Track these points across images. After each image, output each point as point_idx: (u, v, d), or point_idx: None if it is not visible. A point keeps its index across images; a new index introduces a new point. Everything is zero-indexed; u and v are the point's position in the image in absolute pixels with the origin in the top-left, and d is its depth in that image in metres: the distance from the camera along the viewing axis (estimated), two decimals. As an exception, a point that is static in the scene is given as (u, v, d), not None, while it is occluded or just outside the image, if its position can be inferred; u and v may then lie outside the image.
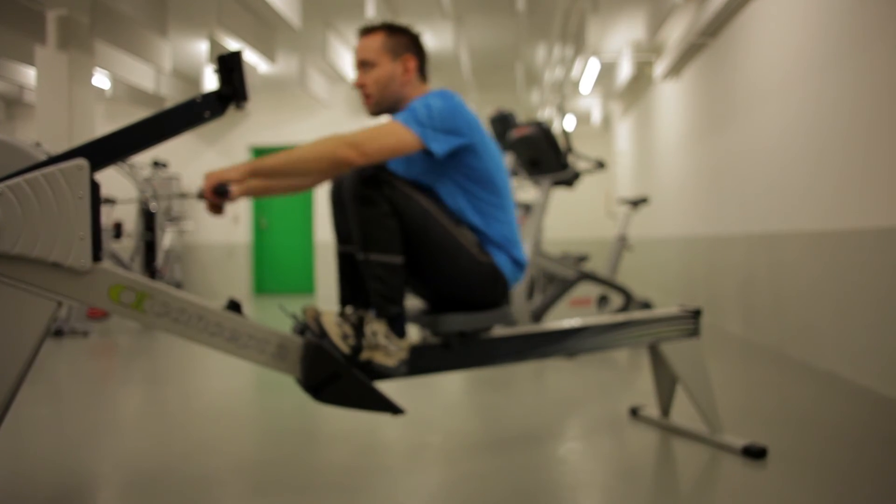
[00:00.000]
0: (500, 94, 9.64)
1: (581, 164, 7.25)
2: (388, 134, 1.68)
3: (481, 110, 9.86)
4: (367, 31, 1.90)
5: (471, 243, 1.80)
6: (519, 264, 1.90)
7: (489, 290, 1.84)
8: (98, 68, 6.39)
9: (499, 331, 1.91)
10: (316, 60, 7.82)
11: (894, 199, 2.77)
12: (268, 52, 6.17)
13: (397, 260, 1.71)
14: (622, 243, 4.64)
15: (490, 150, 1.86)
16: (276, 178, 1.72)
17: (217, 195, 1.60)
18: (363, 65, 1.87)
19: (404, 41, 1.88)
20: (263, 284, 9.57)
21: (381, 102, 1.88)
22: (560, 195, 8.39)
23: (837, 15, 3.24)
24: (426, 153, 1.75)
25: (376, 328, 1.68)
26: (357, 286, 1.87)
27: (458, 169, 1.81)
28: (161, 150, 8.82)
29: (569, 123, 9.62)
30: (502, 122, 4.52)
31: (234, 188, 1.60)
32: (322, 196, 9.32)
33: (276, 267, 9.60)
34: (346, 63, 7.86)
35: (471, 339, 1.84)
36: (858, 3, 3.05)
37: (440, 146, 1.73)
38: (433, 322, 1.82)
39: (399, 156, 1.72)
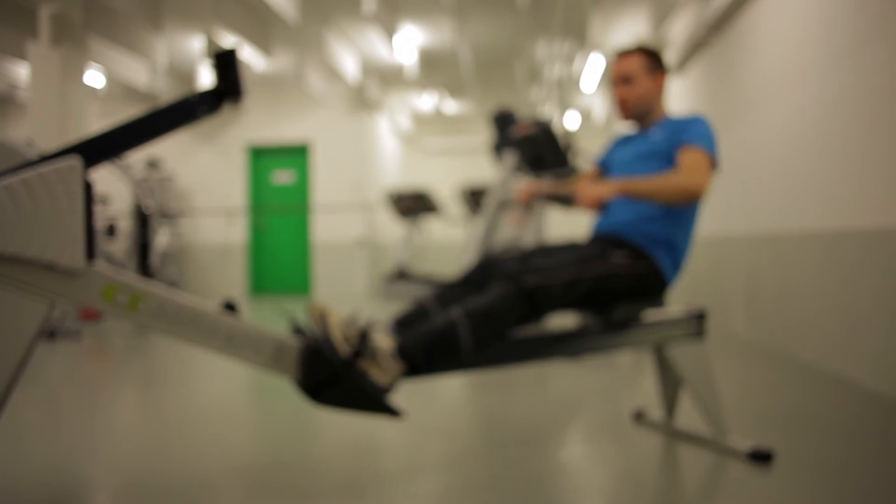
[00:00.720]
0: (501, 90, 9.64)
1: (583, 162, 7.25)
2: (708, 168, 2.04)
3: (482, 107, 9.86)
4: (628, 51, 2.24)
5: (620, 263, 2.02)
6: (679, 265, 2.14)
7: (650, 288, 2.08)
8: (92, 64, 6.39)
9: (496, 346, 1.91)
10: (314, 58, 7.82)
11: (902, 198, 2.77)
12: (264, 47, 6.17)
13: (469, 345, 1.79)
14: None
15: None
16: (634, 197, 2.02)
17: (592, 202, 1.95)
18: (624, 79, 2.21)
19: (658, 62, 2.23)
20: (260, 284, 9.57)
21: (635, 112, 2.24)
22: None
23: (842, 11, 3.24)
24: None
25: (383, 343, 1.68)
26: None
27: None
28: (157, 148, 8.82)
29: (571, 121, 9.62)
30: (504, 121, 4.53)
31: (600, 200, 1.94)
32: (320, 196, 9.31)
33: (272, 267, 9.60)
34: (344, 61, 7.87)
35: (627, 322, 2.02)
36: (863, 0, 3.05)
37: (718, 168, 2.10)
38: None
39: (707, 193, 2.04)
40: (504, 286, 1.85)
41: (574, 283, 1.93)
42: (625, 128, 2.40)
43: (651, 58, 2.22)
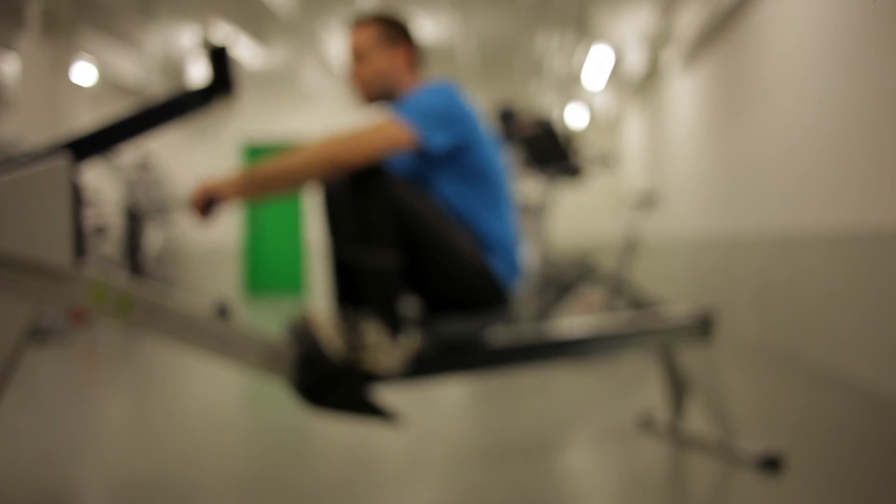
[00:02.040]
0: (502, 85, 9.64)
1: (586, 159, 7.25)
2: (382, 132, 1.69)
3: (483, 102, 9.87)
4: (358, 23, 1.94)
5: (463, 244, 1.81)
6: (513, 267, 1.90)
7: (482, 293, 1.85)
8: (83, 56, 6.38)
9: (499, 335, 1.91)
10: (309, 52, 7.82)
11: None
12: (258, 40, 6.17)
13: (391, 256, 1.71)
14: (629, 249, 4.63)
15: (487, 146, 1.87)
16: (269, 188, 1.70)
17: (206, 207, 1.67)
18: (355, 56, 1.92)
19: (396, 31, 1.93)
20: (254, 284, 9.58)
21: (373, 93, 1.93)
22: (572, 200, 8.36)
23: (859, 4, 3.24)
24: (421, 149, 1.76)
25: (371, 328, 1.68)
26: (351, 286, 1.87)
27: (453, 165, 1.83)
28: (150, 147, 8.82)
29: (575, 117, 9.62)
30: (506, 118, 4.53)
31: (223, 202, 1.65)
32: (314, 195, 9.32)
33: (267, 267, 9.60)
34: (340, 55, 7.86)
35: (467, 344, 1.84)
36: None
37: (435, 143, 1.75)
38: (426, 326, 1.83)
39: (394, 154, 1.73)
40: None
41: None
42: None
43: (387, 27, 1.92)
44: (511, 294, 1.93)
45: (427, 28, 7.28)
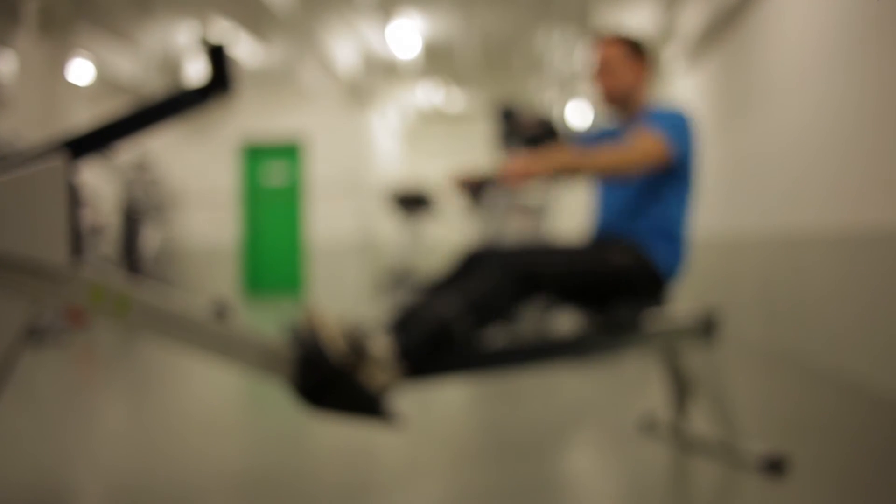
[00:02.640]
0: (504, 81, 9.64)
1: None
2: (654, 147, 2.04)
3: (484, 99, 9.86)
4: (609, 38, 2.27)
5: (617, 258, 2.05)
6: (682, 255, 2.16)
7: (642, 285, 2.08)
8: (80, 53, 6.38)
9: (499, 337, 1.91)
10: (308, 51, 7.82)
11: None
12: (257, 37, 6.17)
13: (463, 331, 1.79)
14: None
15: (696, 158, 2.20)
16: (571, 175, 2.01)
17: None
18: (603, 67, 2.24)
19: (641, 51, 2.26)
20: (253, 284, 9.58)
21: (615, 100, 2.26)
22: (573, 199, 8.36)
23: (862, 3, 3.24)
24: (671, 162, 2.09)
25: (379, 343, 1.68)
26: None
27: (677, 175, 2.15)
28: (148, 146, 8.82)
29: (575, 115, 9.61)
30: (508, 117, 4.53)
31: (534, 178, 1.92)
32: (315, 193, 9.32)
33: (265, 266, 9.60)
34: (340, 54, 7.87)
35: (631, 325, 2.00)
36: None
37: (679, 157, 2.12)
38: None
39: (657, 164, 2.05)
40: (492, 270, 1.87)
41: (566, 275, 1.96)
42: (606, 119, 2.43)
43: (634, 46, 2.25)
44: (673, 278, 2.14)
45: (428, 25, 7.28)
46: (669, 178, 2.15)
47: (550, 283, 1.94)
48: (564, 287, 1.97)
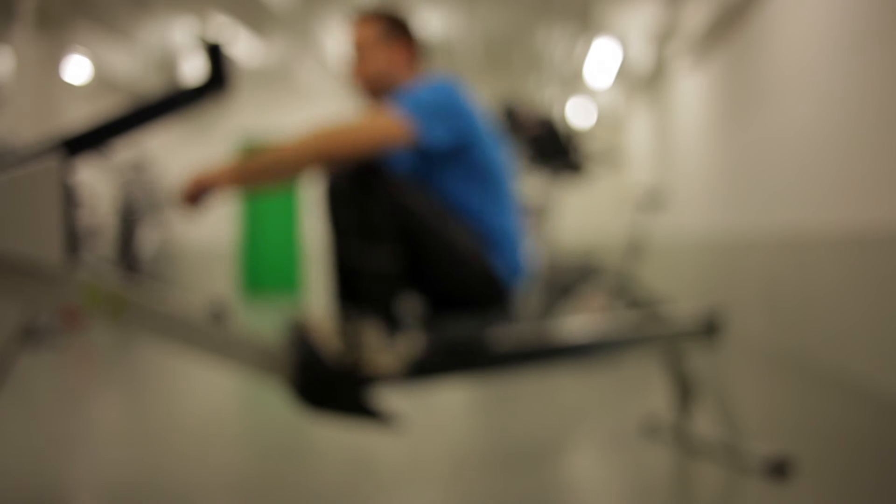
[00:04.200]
0: (505, 79, 9.64)
1: (589, 157, 7.29)
2: (378, 125, 1.69)
3: (485, 97, 9.87)
4: (360, 18, 1.97)
5: (464, 243, 1.82)
6: (516, 265, 1.91)
7: (482, 291, 1.86)
8: (76, 51, 6.39)
9: (501, 337, 1.91)
10: (306, 48, 7.83)
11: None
12: (256, 33, 6.17)
13: (390, 256, 1.72)
14: (634, 249, 4.63)
15: (489, 142, 1.88)
16: (263, 178, 1.72)
17: (197, 198, 1.71)
18: (356, 51, 1.95)
19: (397, 28, 1.97)
20: (251, 284, 9.58)
21: (373, 89, 1.96)
22: (575, 199, 8.36)
23: (867, 1, 3.24)
24: (419, 144, 1.76)
25: (370, 328, 1.68)
26: (352, 285, 1.87)
27: (455, 162, 1.84)
28: (146, 145, 8.83)
29: (576, 114, 9.61)
30: (508, 116, 4.54)
31: (216, 191, 1.68)
32: (314, 194, 9.33)
33: (263, 266, 9.61)
34: (339, 51, 7.87)
35: (468, 343, 1.84)
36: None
37: (434, 138, 1.76)
38: (427, 325, 1.84)
39: (390, 148, 1.72)
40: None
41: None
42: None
43: (388, 23, 1.96)
44: (513, 292, 1.94)
45: (428, 22, 7.28)
46: (446, 165, 1.84)
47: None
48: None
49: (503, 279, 1.89)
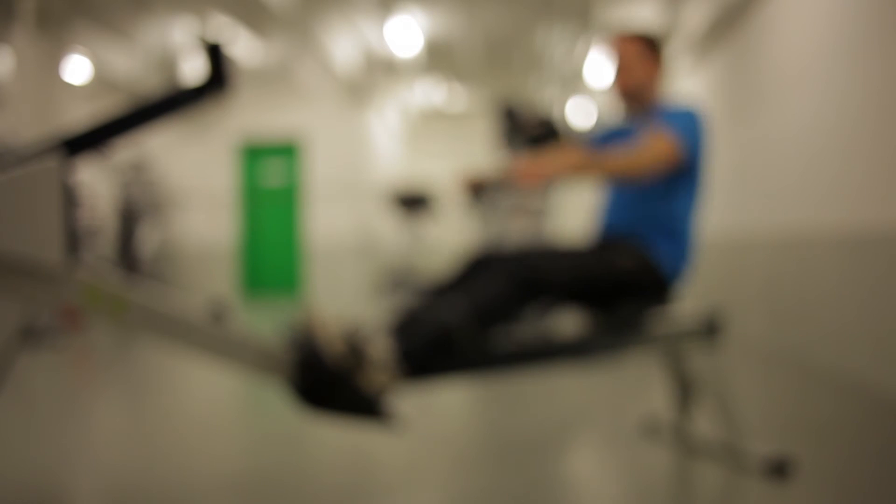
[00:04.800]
0: (505, 79, 9.64)
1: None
2: (662, 150, 2.04)
3: (485, 97, 9.86)
4: (625, 36, 2.29)
5: (622, 259, 2.05)
6: (688, 255, 2.17)
7: (648, 285, 2.08)
8: (76, 51, 6.39)
9: (498, 338, 1.91)
10: (307, 49, 7.82)
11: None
12: (256, 33, 6.17)
13: (466, 334, 1.80)
14: None
15: (706, 156, 2.21)
16: (566, 177, 1.97)
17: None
18: (619, 65, 2.26)
19: (655, 48, 2.28)
20: (251, 284, 9.58)
21: (631, 99, 2.28)
22: (576, 199, 8.36)
23: (869, 1, 3.24)
24: (685, 163, 2.11)
25: (379, 345, 1.68)
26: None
27: (687, 175, 2.17)
28: (146, 146, 8.83)
29: (577, 114, 9.61)
30: (510, 116, 4.54)
31: (547, 179, 1.91)
32: (314, 194, 9.32)
33: (264, 266, 9.61)
34: (339, 51, 7.88)
35: (633, 325, 2.02)
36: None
37: (693, 158, 2.14)
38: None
39: (668, 167, 2.06)
40: (498, 275, 1.88)
41: (571, 280, 1.97)
42: (616, 116, 2.44)
43: (649, 44, 2.28)
44: (679, 278, 2.14)
45: (428, 22, 7.29)
46: (679, 178, 2.15)
47: (555, 288, 1.94)
48: (569, 291, 1.98)
49: (669, 268, 2.09)
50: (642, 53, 2.26)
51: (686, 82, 6.70)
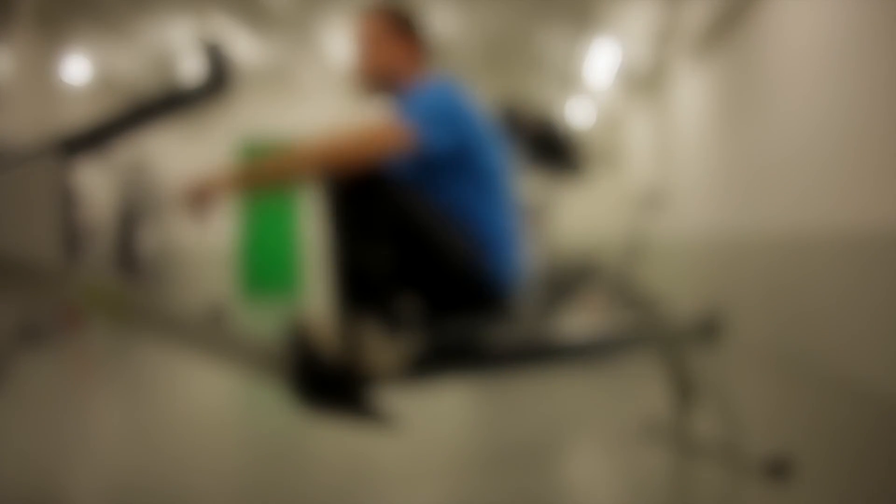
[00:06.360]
0: (505, 79, 9.64)
1: (588, 158, 7.27)
2: (378, 135, 1.70)
3: (485, 98, 9.86)
4: (366, 14, 1.99)
5: (457, 246, 1.82)
6: (512, 267, 1.91)
7: (477, 293, 1.86)
8: (75, 51, 6.39)
9: (498, 338, 1.91)
10: (307, 48, 7.83)
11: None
12: (256, 32, 6.17)
13: (388, 258, 1.72)
14: (633, 250, 4.64)
15: (488, 145, 1.88)
16: (264, 185, 1.74)
17: (199, 205, 1.67)
18: (360, 46, 1.97)
19: (402, 24, 1.97)
20: (252, 285, 9.58)
21: (376, 84, 1.98)
22: (576, 199, 8.35)
23: (871, 1, 3.24)
24: (420, 151, 1.76)
25: (370, 329, 1.68)
26: (352, 288, 1.86)
27: (453, 166, 1.83)
28: (145, 146, 8.83)
29: (576, 115, 9.61)
30: (510, 117, 4.54)
31: (218, 198, 1.66)
32: (313, 194, 9.32)
33: (264, 267, 9.61)
34: (339, 51, 7.87)
35: (463, 344, 1.84)
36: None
37: (433, 144, 1.76)
38: (423, 327, 1.84)
39: (390, 156, 1.72)
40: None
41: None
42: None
43: (394, 19, 1.98)
44: (509, 294, 1.94)
45: (428, 21, 7.28)
46: (446, 169, 1.83)
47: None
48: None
49: (498, 280, 1.90)
50: (386, 32, 1.95)
51: (686, 82, 6.70)
